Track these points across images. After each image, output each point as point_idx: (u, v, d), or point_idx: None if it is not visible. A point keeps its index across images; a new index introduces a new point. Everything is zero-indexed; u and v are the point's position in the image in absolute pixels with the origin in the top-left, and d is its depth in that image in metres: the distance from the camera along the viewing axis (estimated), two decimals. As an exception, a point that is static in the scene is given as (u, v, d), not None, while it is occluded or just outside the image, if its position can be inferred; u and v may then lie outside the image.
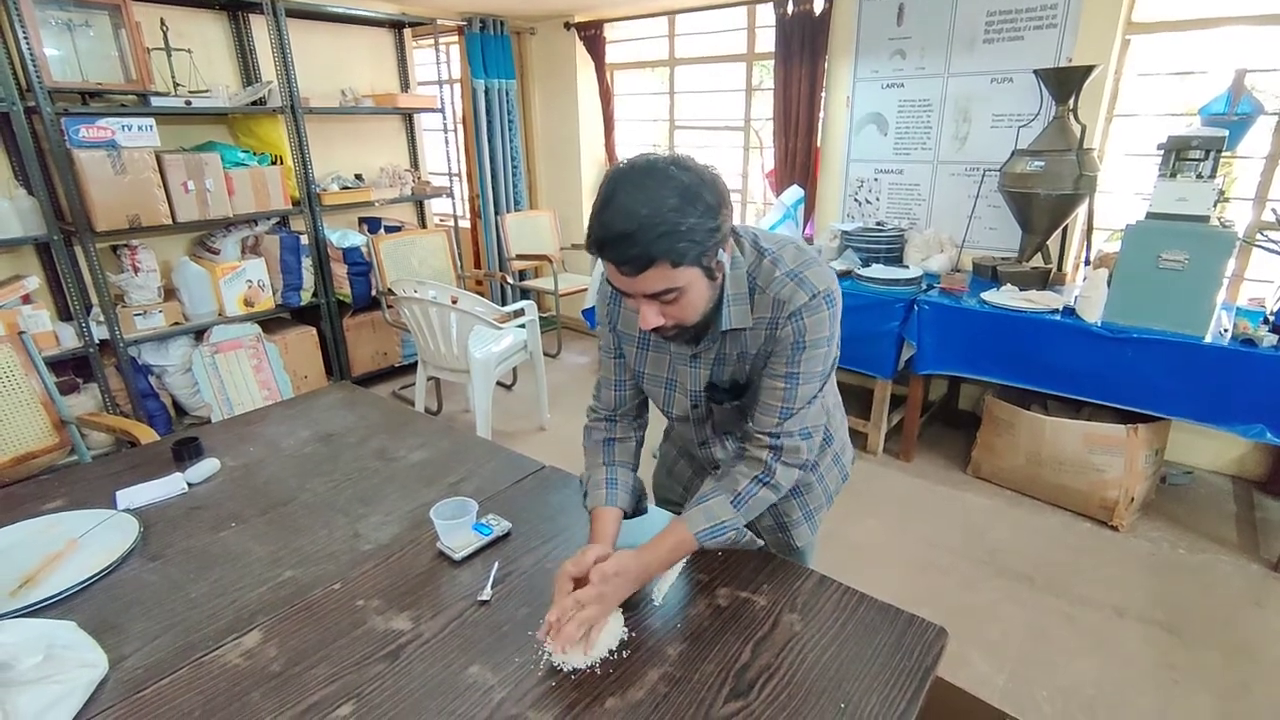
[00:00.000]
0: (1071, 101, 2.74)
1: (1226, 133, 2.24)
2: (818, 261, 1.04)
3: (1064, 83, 2.71)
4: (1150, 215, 2.33)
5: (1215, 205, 2.26)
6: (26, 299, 2.76)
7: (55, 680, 0.88)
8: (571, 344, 4.75)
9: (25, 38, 2.50)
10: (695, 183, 0.88)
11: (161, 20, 2.97)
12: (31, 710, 0.84)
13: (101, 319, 2.91)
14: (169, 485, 1.40)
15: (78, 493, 1.40)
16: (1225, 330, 2.32)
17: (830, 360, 1.07)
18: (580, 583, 0.98)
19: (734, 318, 1.03)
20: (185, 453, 1.51)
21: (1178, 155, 2.29)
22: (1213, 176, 2.26)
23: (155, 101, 2.89)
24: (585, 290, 4.09)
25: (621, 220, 0.86)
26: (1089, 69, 2.65)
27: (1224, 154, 2.27)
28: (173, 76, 3.06)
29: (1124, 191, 3.07)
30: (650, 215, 0.85)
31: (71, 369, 2.98)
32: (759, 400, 1.07)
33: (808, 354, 1.02)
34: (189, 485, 1.42)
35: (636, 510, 1.22)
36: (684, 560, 1.12)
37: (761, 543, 1.14)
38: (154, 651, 0.98)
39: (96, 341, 2.90)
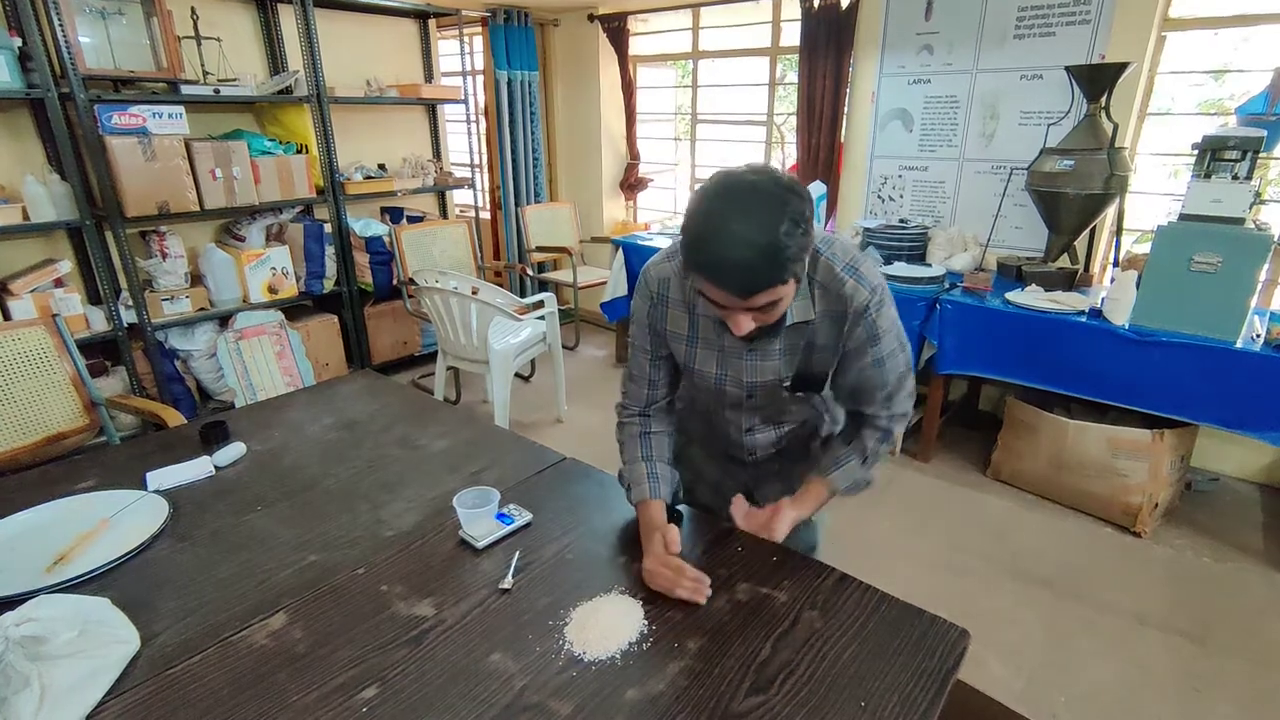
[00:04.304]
0: (1103, 99, 2.69)
1: (1265, 133, 2.19)
2: (864, 255, 1.10)
3: (1096, 80, 2.66)
4: (1183, 216, 2.28)
5: (1251, 207, 2.21)
6: (59, 282, 2.82)
7: (90, 655, 0.90)
8: (590, 337, 4.76)
9: (60, 25, 2.54)
10: (798, 203, 0.88)
11: (192, 9, 3.00)
12: (66, 683, 0.86)
13: (130, 303, 2.96)
14: (197, 468, 1.43)
15: (108, 473, 1.43)
16: (1258, 335, 2.27)
17: (902, 333, 1.15)
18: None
19: (796, 312, 1.07)
20: (213, 436, 1.53)
21: (1213, 155, 2.24)
22: (1249, 178, 2.21)
23: (185, 90, 2.93)
24: (604, 283, 4.09)
25: (741, 250, 0.86)
26: (1122, 66, 2.60)
27: (1261, 155, 2.22)
28: (202, 65, 3.09)
29: (1154, 192, 3.02)
30: (768, 244, 0.86)
31: (100, 352, 3.04)
32: (861, 390, 1.17)
33: (884, 340, 1.11)
34: (216, 468, 1.44)
35: (676, 499, 1.25)
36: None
37: (873, 481, 1.26)
38: (184, 630, 1.00)
39: (125, 325, 2.95)
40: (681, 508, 1.29)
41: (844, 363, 1.14)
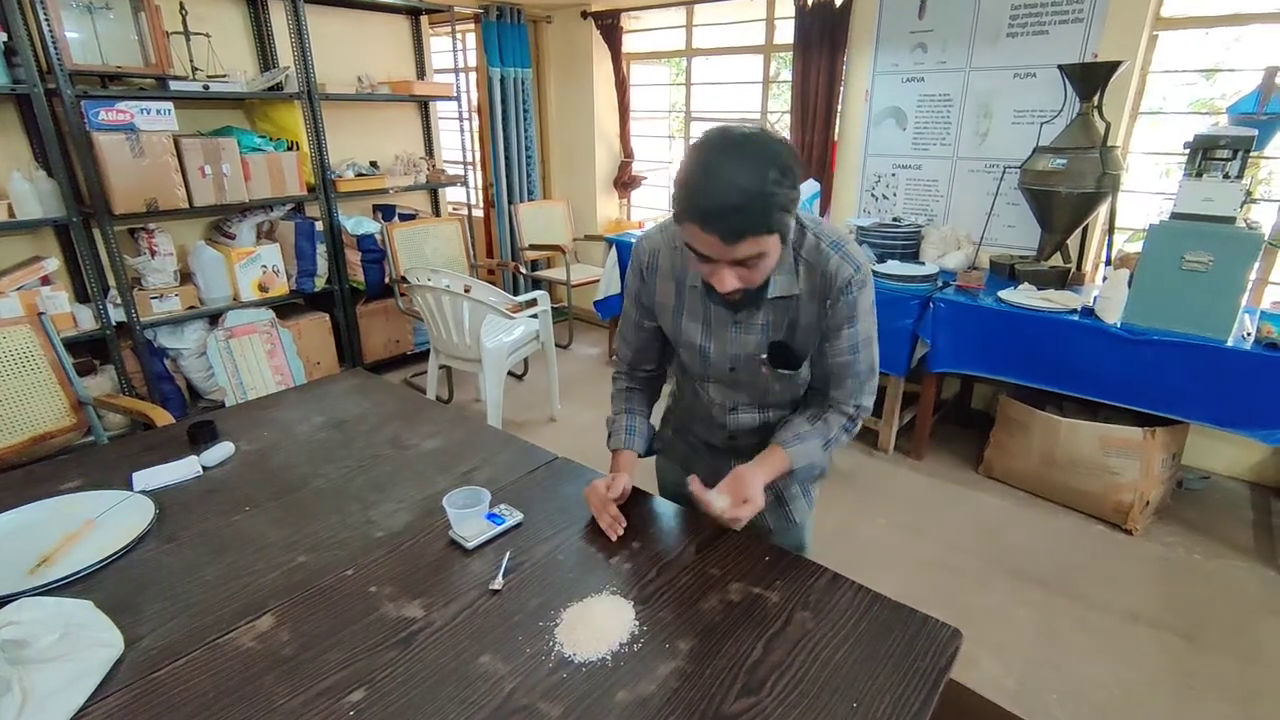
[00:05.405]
0: (1096, 98, 2.70)
1: (1256, 132, 2.19)
2: (850, 238, 1.12)
3: (1089, 79, 2.67)
4: (1175, 215, 2.29)
5: (1242, 206, 2.22)
6: (46, 280, 2.79)
7: (72, 659, 0.89)
8: (583, 335, 4.75)
9: (46, 20, 2.51)
10: (787, 154, 0.92)
11: (180, 4, 2.97)
12: (48, 688, 0.85)
13: (118, 301, 2.93)
14: (184, 468, 1.41)
15: (95, 473, 1.41)
16: (1248, 334, 2.28)
17: (875, 326, 1.18)
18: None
19: (779, 286, 1.09)
20: (201, 436, 1.52)
21: (1205, 154, 2.24)
22: (1240, 177, 2.21)
23: (174, 86, 2.90)
24: (597, 281, 4.08)
25: (729, 193, 0.89)
26: (1115, 65, 2.61)
27: (1252, 154, 2.23)
28: (191, 61, 3.07)
29: (1146, 191, 3.02)
30: (756, 188, 0.89)
31: (88, 350, 3.01)
32: (833, 374, 1.18)
33: (860, 324, 1.13)
34: (204, 468, 1.43)
35: (649, 450, 1.37)
36: None
37: (825, 472, 1.27)
38: (169, 633, 0.99)
39: (113, 324, 2.93)
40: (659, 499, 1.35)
41: (822, 344, 1.15)
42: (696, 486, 1.10)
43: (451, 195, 4.67)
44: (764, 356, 1.17)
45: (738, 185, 0.88)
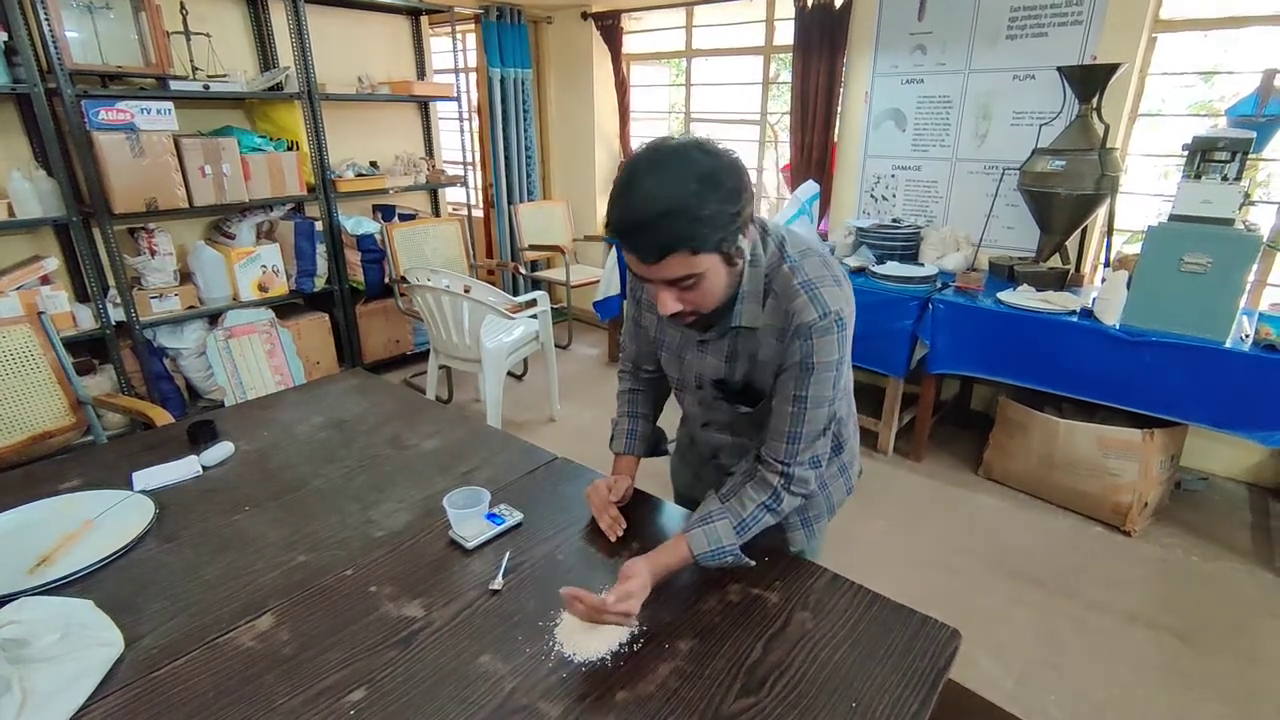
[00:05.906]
0: (1095, 100, 2.70)
1: (1254, 134, 2.20)
2: (837, 280, 1.01)
3: (1088, 81, 2.67)
4: (1173, 217, 2.30)
5: (1240, 208, 2.22)
6: (45, 280, 2.79)
7: (72, 658, 0.89)
8: (583, 335, 4.75)
9: (47, 20, 2.51)
10: (716, 166, 0.86)
11: (181, 4, 2.97)
12: (49, 687, 0.85)
13: (118, 301, 2.93)
14: (184, 468, 1.41)
15: (94, 473, 1.41)
16: (1246, 336, 2.28)
17: (839, 384, 1.05)
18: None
19: (745, 316, 1.03)
20: (200, 435, 1.52)
21: (1203, 156, 2.25)
22: (1238, 179, 2.22)
23: (174, 85, 2.90)
24: (597, 282, 4.08)
25: (641, 207, 0.85)
26: (1114, 67, 2.61)
27: (1250, 156, 2.23)
28: (191, 61, 3.07)
29: (1145, 193, 3.03)
30: (670, 202, 0.84)
31: (88, 350, 3.01)
32: (770, 424, 1.07)
33: (816, 377, 1.01)
34: (204, 468, 1.43)
35: (655, 451, 1.39)
36: None
37: (753, 563, 1.10)
38: (169, 632, 0.99)
39: (113, 323, 2.93)
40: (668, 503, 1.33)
41: (775, 388, 1.06)
42: (569, 590, 0.96)
43: (451, 195, 4.67)
44: (713, 385, 1.13)
45: (651, 200, 0.84)
